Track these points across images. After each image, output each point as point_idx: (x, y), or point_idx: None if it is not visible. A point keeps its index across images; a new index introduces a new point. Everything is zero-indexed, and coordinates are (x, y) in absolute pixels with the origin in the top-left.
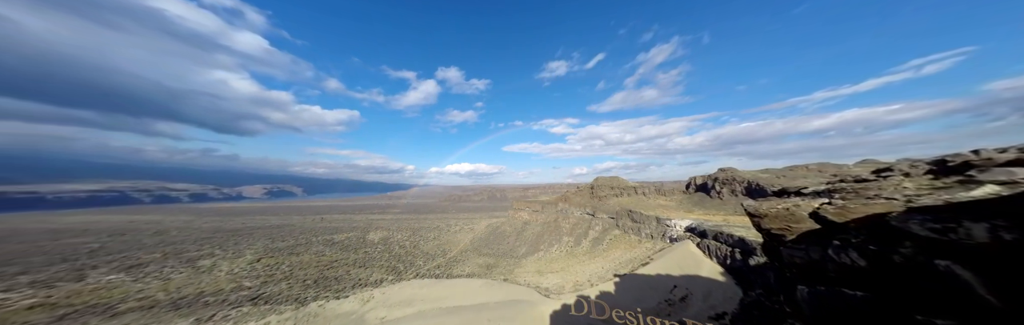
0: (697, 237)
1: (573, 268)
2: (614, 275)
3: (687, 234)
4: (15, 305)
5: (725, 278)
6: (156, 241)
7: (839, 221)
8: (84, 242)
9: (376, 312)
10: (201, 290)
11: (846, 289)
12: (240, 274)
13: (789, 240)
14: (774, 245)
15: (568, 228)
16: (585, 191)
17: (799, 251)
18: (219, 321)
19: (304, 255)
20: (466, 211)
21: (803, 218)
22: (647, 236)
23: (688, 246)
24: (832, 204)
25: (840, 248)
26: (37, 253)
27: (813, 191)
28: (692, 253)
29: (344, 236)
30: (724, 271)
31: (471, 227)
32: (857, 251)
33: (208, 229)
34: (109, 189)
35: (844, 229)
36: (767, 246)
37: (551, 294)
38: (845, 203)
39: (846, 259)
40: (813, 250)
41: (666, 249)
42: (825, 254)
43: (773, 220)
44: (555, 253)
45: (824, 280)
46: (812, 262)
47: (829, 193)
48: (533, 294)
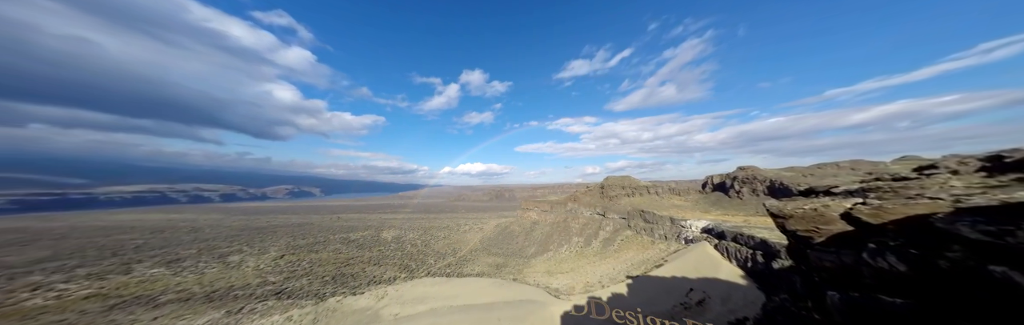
0: (715, 238)
1: (583, 269)
2: (626, 277)
3: (704, 235)
4: (73, 295)
5: (746, 281)
6: (191, 238)
7: (875, 223)
8: (130, 238)
9: (390, 309)
10: (231, 284)
11: (884, 296)
12: (265, 270)
13: (818, 243)
14: (801, 248)
15: (578, 228)
16: (595, 191)
17: (829, 254)
18: (247, 314)
19: (322, 252)
20: (475, 211)
21: (833, 219)
22: (661, 237)
23: (705, 248)
24: (867, 204)
25: (876, 252)
26: (91, 248)
27: (845, 190)
28: (709, 255)
29: (359, 235)
30: (744, 274)
31: (480, 227)
32: (896, 255)
33: (237, 227)
34: (151, 190)
35: (881, 231)
36: (793, 249)
37: (561, 295)
38: (882, 203)
39: (883, 264)
40: (845, 254)
41: (681, 251)
42: (859, 258)
43: (799, 221)
44: (565, 253)
45: (858, 286)
46: (844, 266)
47: (863, 192)
48: (543, 294)
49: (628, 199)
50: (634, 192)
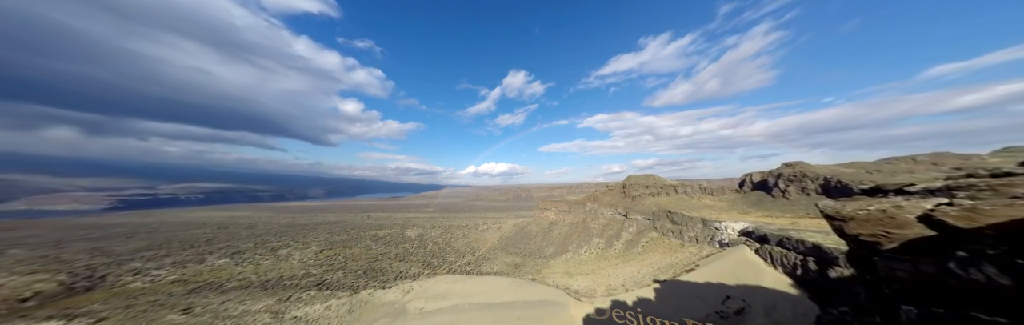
0: (755, 242)
1: (605, 271)
2: (653, 281)
3: (742, 239)
4: (163, 279)
5: (795, 291)
6: (249, 233)
7: (967, 227)
8: (203, 233)
9: (415, 303)
10: (281, 274)
11: (980, 313)
12: (308, 262)
13: (888, 249)
14: (865, 255)
15: (598, 229)
16: (616, 190)
17: (903, 263)
18: (294, 302)
19: (355, 248)
20: (492, 210)
21: (908, 222)
22: (691, 240)
23: (744, 252)
24: (954, 205)
25: (969, 261)
26: (175, 240)
27: (924, 189)
28: (749, 260)
29: (386, 232)
30: (794, 283)
31: (498, 226)
32: (996, 266)
33: (284, 224)
34: (217, 190)
35: (975, 237)
36: (855, 255)
37: (582, 297)
38: (976, 204)
39: (979, 275)
40: (925, 263)
41: (716, 255)
42: (944, 268)
43: (863, 224)
44: (584, 255)
45: (942, 300)
46: (923, 277)
47: (949, 191)
48: (562, 296)
49: (653, 199)
50: (659, 191)
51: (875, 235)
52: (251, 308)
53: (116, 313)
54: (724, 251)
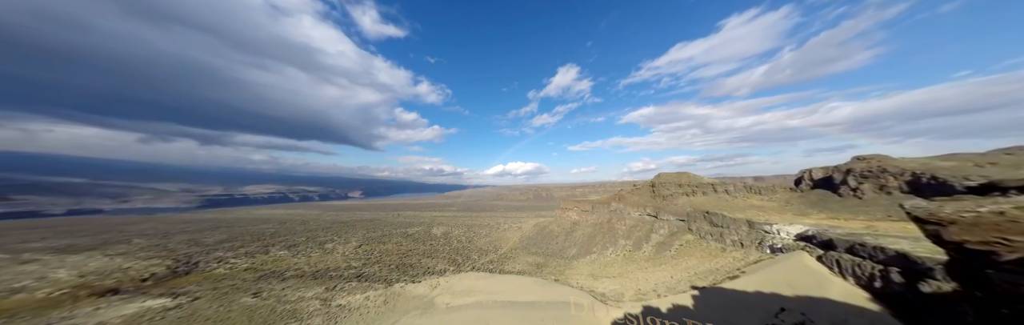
0: (817, 248)
1: (633, 275)
2: (691, 287)
3: (799, 244)
4: (238, 267)
5: (875, 306)
6: (302, 228)
7: None
8: (267, 227)
9: (442, 298)
10: (327, 266)
11: None
12: (349, 256)
13: (1007, 261)
14: (973, 266)
15: (624, 230)
16: (644, 189)
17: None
18: (339, 291)
19: (388, 244)
20: (513, 210)
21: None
22: (734, 244)
23: (802, 259)
24: None
25: None
26: (247, 234)
27: None
28: (810, 269)
29: (414, 230)
30: (871, 297)
31: (519, 226)
32: None
33: (329, 221)
34: (276, 191)
35: None
36: (958, 267)
37: (609, 301)
38: None
39: None
40: None
41: (766, 261)
42: None
43: (970, 229)
44: (610, 257)
45: None
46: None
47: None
48: (587, 298)
49: (687, 199)
50: (694, 190)
51: (989, 243)
52: (304, 295)
53: (206, 293)
54: (777, 257)
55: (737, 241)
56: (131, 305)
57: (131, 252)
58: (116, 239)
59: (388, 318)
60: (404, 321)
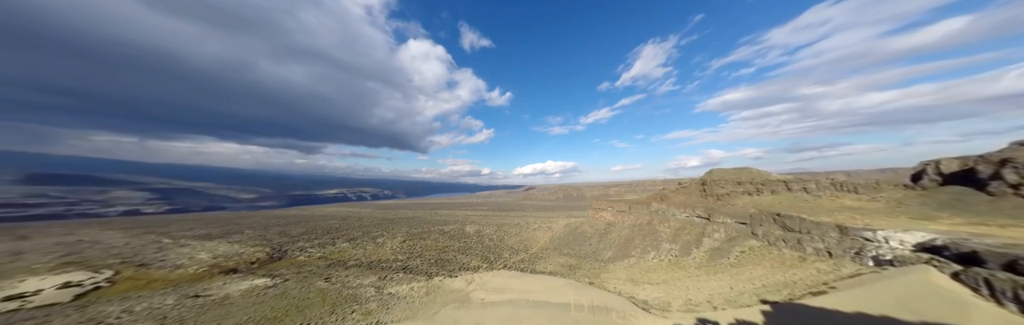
0: (951, 263)
1: (681, 282)
2: (760, 301)
3: (922, 256)
4: (314, 256)
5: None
6: (358, 224)
7: None
8: (333, 223)
9: (477, 293)
10: (379, 258)
11: None
12: (396, 250)
13: None
14: None
15: (669, 233)
16: (692, 188)
17: None
18: (389, 280)
19: (427, 240)
20: (542, 210)
21: None
22: (817, 252)
23: (928, 276)
24: None
25: None
26: (319, 228)
27: None
28: (940, 289)
29: (450, 227)
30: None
31: (549, 226)
32: None
33: (380, 218)
34: (339, 192)
35: None
36: None
37: (652, 309)
38: None
39: None
40: None
41: (868, 276)
42: None
43: None
44: (652, 262)
45: None
46: None
47: None
48: (626, 304)
49: (749, 198)
50: (759, 189)
51: None
52: (362, 282)
53: (293, 276)
54: (886, 272)
55: (822, 249)
56: (245, 282)
57: (243, 240)
58: (234, 230)
59: (430, 308)
60: (444, 312)
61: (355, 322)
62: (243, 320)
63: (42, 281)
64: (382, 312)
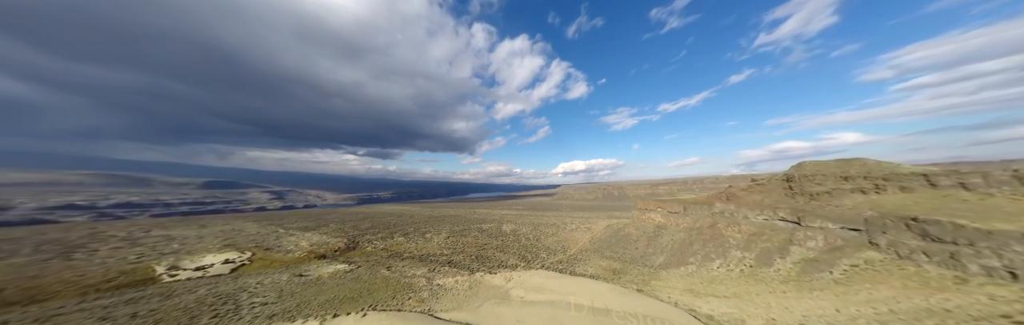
0: None
1: (759, 298)
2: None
3: None
4: (378, 247)
5: None
6: (410, 221)
7: None
8: (391, 220)
9: (516, 291)
10: (428, 252)
11: None
12: (442, 245)
13: None
14: None
15: (740, 239)
16: (773, 186)
17: None
18: (437, 273)
19: (468, 237)
20: (580, 209)
21: None
22: (990, 272)
23: None
24: None
25: None
26: (380, 224)
27: None
28: None
29: (488, 226)
30: None
31: (588, 226)
32: None
33: (427, 215)
34: (395, 193)
35: None
36: None
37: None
38: None
39: None
40: None
41: None
42: None
43: None
44: (718, 271)
45: None
46: None
47: None
48: (684, 317)
49: (864, 197)
50: (881, 185)
51: None
52: (416, 273)
53: (363, 264)
54: None
55: (998, 269)
56: (330, 266)
57: (329, 232)
58: (322, 224)
59: (473, 302)
60: (486, 307)
61: (411, 308)
62: (331, 297)
63: (214, 257)
64: (433, 301)
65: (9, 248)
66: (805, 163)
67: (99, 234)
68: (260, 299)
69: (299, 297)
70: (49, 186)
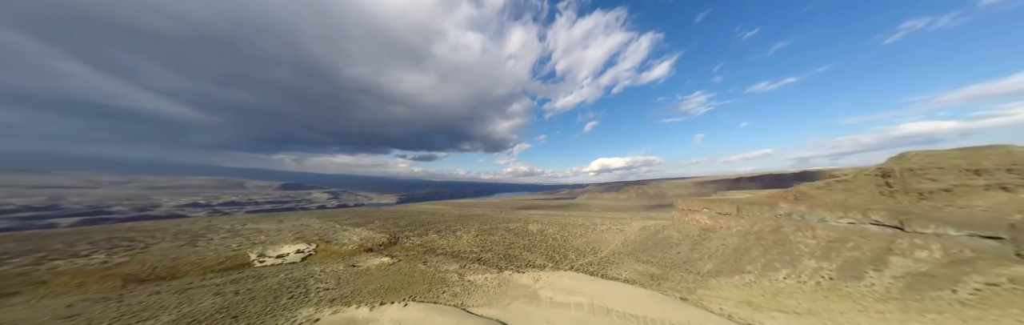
0: None
1: (843, 317)
2: None
3: None
4: (414, 243)
5: None
6: (442, 219)
7: None
8: (425, 218)
9: (545, 292)
10: (459, 249)
11: None
12: (471, 243)
13: None
14: None
15: (816, 246)
16: (862, 182)
17: None
18: (468, 269)
19: (495, 236)
20: (610, 210)
21: None
22: None
23: None
24: None
25: None
26: (417, 222)
27: None
28: None
29: (514, 225)
30: None
31: (620, 228)
32: None
33: (457, 215)
34: (428, 193)
35: None
36: None
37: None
38: None
39: None
40: None
41: None
42: None
43: None
44: (785, 282)
45: None
46: None
47: None
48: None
49: (1008, 196)
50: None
51: None
52: (449, 268)
53: (403, 258)
54: None
55: None
56: (376, 259)
57: (375, 228)
58: (368, 221)
59: (502, 299)
60: (515, 305)
61: (445, 301)
62: (378, 287)
63: (289, 247)
64: (465, 296)
65: (159, 236)
66: (910, 154)
67: (213, 226)
68: (323, 285)
69: (353, 285)
70: (181, 189)
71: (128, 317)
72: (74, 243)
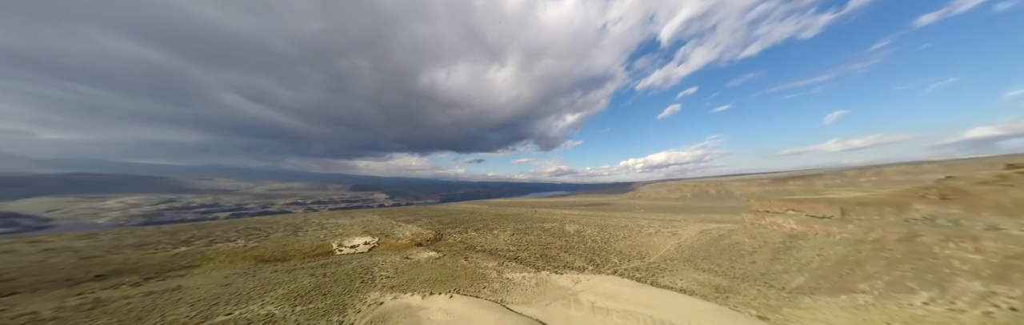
0: None
1: None
2: None
3: None
4: (455, 240)
5: None
6: (479, 218)
7: None
8: (464, 216)
9: (585, 295)
10: (496, 247)
11: None
12: (508, 241)
13: None
14: None
15: (980, 263)
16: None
17: None
18: (505, 267)
19: (531, 235)
20: (660, 211)
21: None
22: None
23: None
24: None
25: None
26: (457, 220)
27: None
28: None
29: (550, 225)
30: None
31: (672, 230)
32: None
33: (493, 214)
34: (466, 192)
35: None
36: None
37: None
38: None
39: None
40: None
41: None
42: None
43: None
44: (928, 309)
45: None
46: None
47: None
48: None
49: None
50: None
51: None
52: (487, 265)
53: (448, 253)
54: None
55: None
56: (425, 253)
57: (423, 225)
58: (417, 218)
59: (541, 300)
60: (554, 306)
61: (486, 296)
62: (428, 278)
63: (359, 239)
64: (504, 293)
65: (275, 227)
66: None
67: (308, 221)
68: (385, 273)
69: (407, 275)
70: (286, 191)
71: (259, 288)
72: (227, 231)
